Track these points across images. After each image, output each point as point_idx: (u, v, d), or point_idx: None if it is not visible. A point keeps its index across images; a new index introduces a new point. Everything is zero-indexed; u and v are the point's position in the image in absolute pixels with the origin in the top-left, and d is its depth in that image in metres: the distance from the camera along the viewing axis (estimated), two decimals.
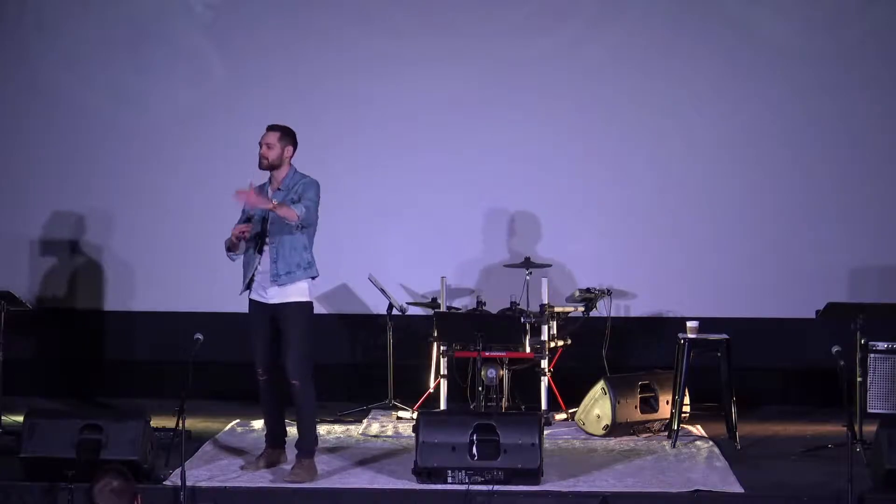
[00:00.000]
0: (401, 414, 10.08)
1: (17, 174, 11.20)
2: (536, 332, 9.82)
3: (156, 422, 8.28)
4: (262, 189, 8.38)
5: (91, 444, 7.80)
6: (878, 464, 7.82)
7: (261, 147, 8.37)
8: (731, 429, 9.22)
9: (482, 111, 11.00)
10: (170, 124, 11.15)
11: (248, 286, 8.42)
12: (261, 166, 8.38)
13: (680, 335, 9.30)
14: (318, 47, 11.08)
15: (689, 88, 10.97)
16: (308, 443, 8.28)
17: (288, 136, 8.39)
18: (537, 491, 7.77)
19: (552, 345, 9.89)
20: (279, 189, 8.33)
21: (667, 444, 9.13)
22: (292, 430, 9.38)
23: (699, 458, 8.72)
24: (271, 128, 8.41)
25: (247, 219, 8.40)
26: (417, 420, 8.07)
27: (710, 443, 9.20)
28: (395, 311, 10.42)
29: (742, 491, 7.86)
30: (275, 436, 8.52)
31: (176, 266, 11.11)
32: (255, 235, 8.31)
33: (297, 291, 8.34)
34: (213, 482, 7.93)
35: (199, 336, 8.05)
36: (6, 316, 9.32)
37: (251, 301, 8.42)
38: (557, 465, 8.39)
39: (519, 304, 10.02)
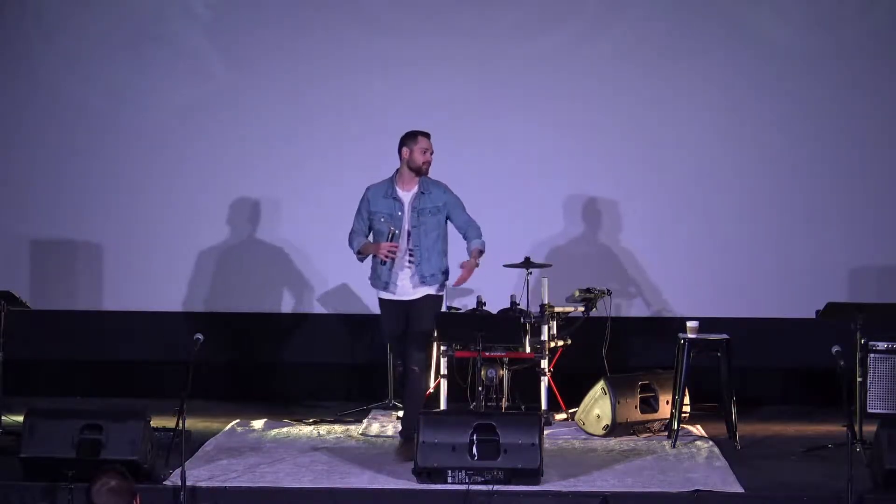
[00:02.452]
0: (401, 414, 10.06)
1: (17, 174, 11.20)
2: (536, 332, 9.81)
3: (156, 422, 8.27)
4: (387, 191, 8.91)
5: (91, 444, 7.80)
6: (878, 464, 7.82)
7: (426, 154, 8.87)
8: (731, 429, 9.21)
9: (482, 111, 11.00)
10: (170, 124, 11.15)
11: (385, 286, 8.88)
12: (424, 173, 8.92)
13: (680, 335, 9.30)
14: (318, 47, 11.08)
15: (689, 88, 10.98)
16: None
17: None
18: (537, 491, 7.77)
19: (552, 345, 9.88)
20: (422, 192, 8.91)
21: (667, 444, 9.12)
22: (290, 431, 9.42)
23: (699, 458, 8.72)
24: (429, 135, 8.91)
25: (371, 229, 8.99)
26: (417, 420, 8.07)
27: (710, 443, 9.20)
28: None
29: (742, 491, 7.86)
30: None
31: (176, 266, 11.11)
32: (391, 238, 8.82)
33: (434, 287, 8.97)
34: (213, 482, 7.92)
35: (199, 336, 8.05)
36: (6, 316, 9.32)
37: (386, 301, 8.90)
38: (557, 465, 8.38)
39: (519, 304, 10.02)
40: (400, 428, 9.63)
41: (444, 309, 9.58)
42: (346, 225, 10.96)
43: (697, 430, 9.59)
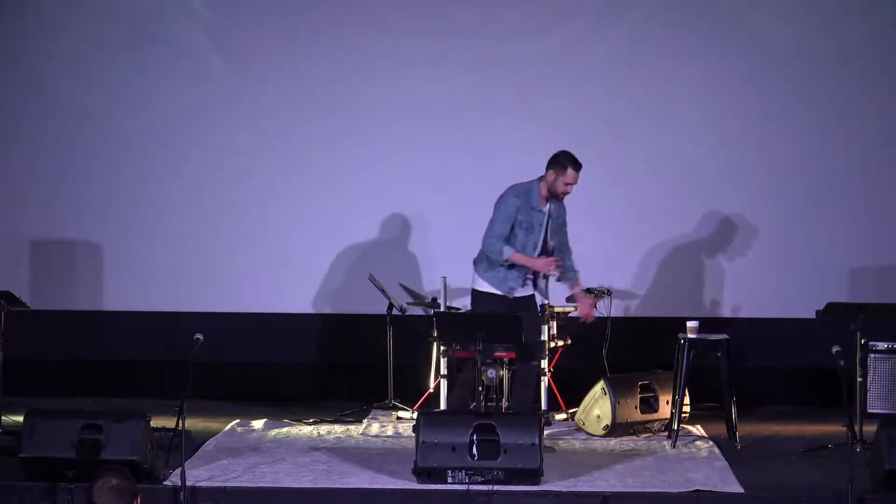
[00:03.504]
0: (401, 414, 10.07)
1: (16, 174, 11.20)
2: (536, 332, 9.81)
3: (156, 422, 8.27)
4: (532, 202, 9.05)
5: (91, 444, 7.79)
6: (878, 464, 7.81)
7: (568, 187, 9.05)
8: (731, 429, 9.21)
9: (482, 110, 11.00)
10: (169, 124, 11.15)
11: (510, 290, 9.00)
12: (558, 200, 9.14)
13: (680, 335, 9.30)
14: (318, 47, 11.08)
15: (689, 88, 10.98)
16: None
17: None
18: (537, 491, 7.77)
19: (552, 345, 9.87)
20: (551, 217, 9.17)
21: (667, 444, 9.12)
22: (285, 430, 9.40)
23: (699, 458, 8.72)
24: (579, 168, 9.04)
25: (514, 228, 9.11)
26: (417, 420, 8.07)
27: (710, 443, 9.20)
28: (395, 311, 10.41)
29: (742, 491, 7.86)
30: None
31: (176, 266, 11.11)
32: (532, 245, 8.98)
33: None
34: (213, 482, 7.92)
35: (199, 336, 8.05)
36: (6, 316, 9.32)
37: (495, 295, 8.99)
38: (557, 465, 8.38)
39: None
40: (399, 428, 9.64)
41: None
42: (347, 225, 11.03)
43: (697, 430, 9.59)
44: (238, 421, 9.89)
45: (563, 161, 8.98)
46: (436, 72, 11.02)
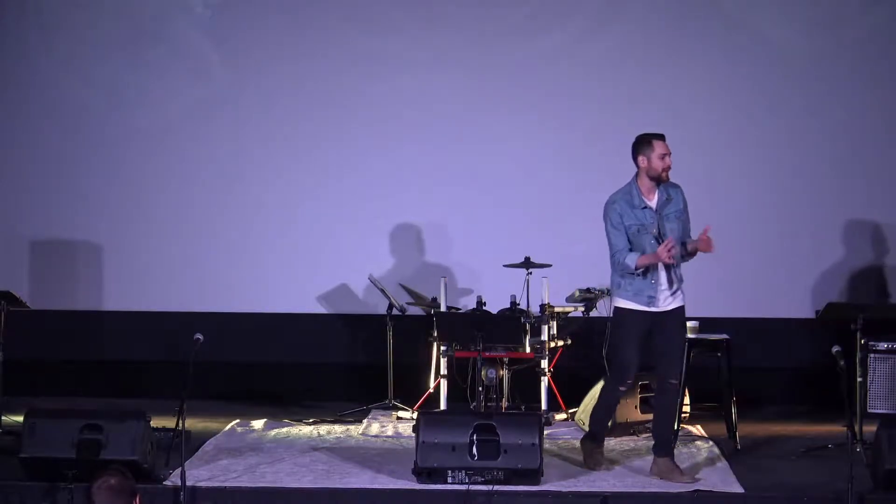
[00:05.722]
0: (401, 414, 10.07)
1: (16, 174, 11.20)
2: (536, 332, 9.82)
3: (156, 422, 8.27)
4: (634, 201, 8.25)
5: (91, 444, 7.79)
6: (878, 464, 7.81)
7: (665, 159, 8.21)
8: (731, 429, 9.21)
9: (482, 110, 11.00)
10: (169, 123, 11.15)
11: (650, 301, 8.25)
12: (665, 181, 8.26)
13: None
14: (318, 46, 11.08)
15: (690, 88, 10.98)
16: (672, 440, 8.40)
17: None
18: (537, 491, 7.77)
19: (552, 345, 9.88)
20: (667, 199, 8.31)
21: None
22: (289, 431, 9.41)
23: (699, 458, 8.72)
24: (663, 137, 8.26)
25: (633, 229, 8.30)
26: (417, 420, 8.07)
27: (710, 443, 9.20)
28: (395, 311, 10.42)
29: (742, 491, 7.86)
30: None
31: (176, 266, 11.11)
32: (648, 244, 8.25)
33: (682, 296, 8.34)
34: (213, 482, 7.92)
35: (199, 336, 8.05)
36: (6, 316, 9.32)
37: (639, 312, 8.21)
38: (557, 465, 8.39)
39: (519, 304, 10.02)
40: (399, 428, 9.64)
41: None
42: (347, 225, 11.03)
43: (697, 430, 9.59)
44: (238, 421, 9.89)
45: (645, 140, 8.29)
46: (436, 71, 11.02)
